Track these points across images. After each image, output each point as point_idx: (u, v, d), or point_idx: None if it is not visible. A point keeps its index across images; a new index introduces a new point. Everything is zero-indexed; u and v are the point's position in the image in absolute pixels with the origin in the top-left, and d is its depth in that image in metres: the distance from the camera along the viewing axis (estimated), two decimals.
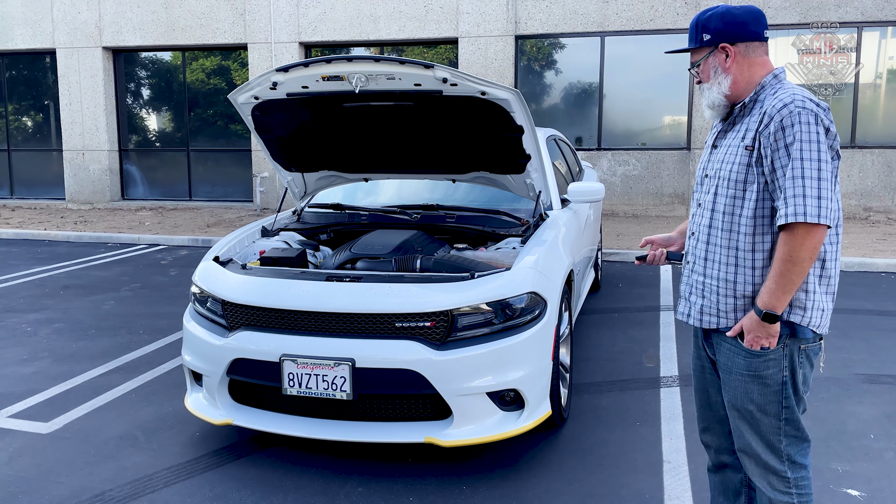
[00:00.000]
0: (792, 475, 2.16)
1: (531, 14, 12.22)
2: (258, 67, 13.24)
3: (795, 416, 2.13)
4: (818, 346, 2.12)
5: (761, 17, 2.15)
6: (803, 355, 2.10)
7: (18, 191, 15.10)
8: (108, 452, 3.47)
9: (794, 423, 2.14)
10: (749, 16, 2.13)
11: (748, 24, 2.13)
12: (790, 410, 2.12)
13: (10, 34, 14.17)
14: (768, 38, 2.18)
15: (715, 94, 2.20)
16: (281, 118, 3.82)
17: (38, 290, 7.06)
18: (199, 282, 3.51)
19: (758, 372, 2.12)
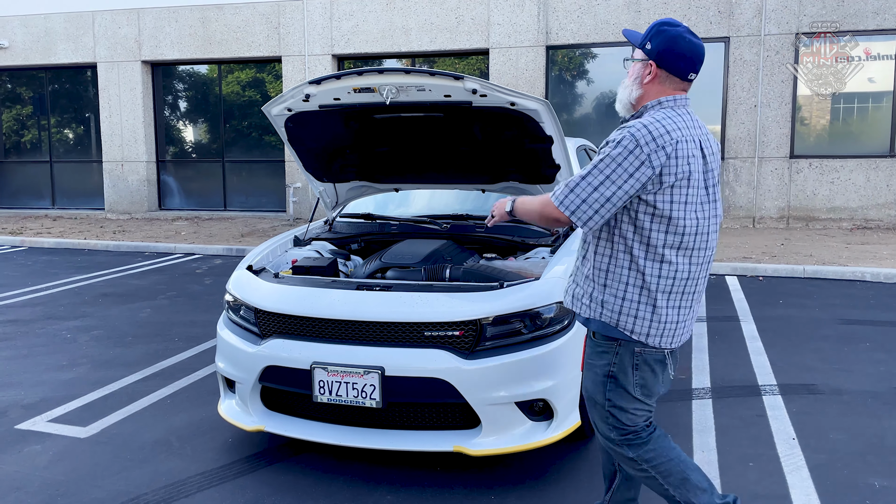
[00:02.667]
0: (633, 454, 2.38)
1: (562, 24, 12.22)
2: (292, 80, 13.44)
3: (623, 414, 2.35)
4: (659, 354, 2.32)
5: (697, 61, 2.28)
6: (640, 359, 2.31)
7: (60, 201, 15.50)
8: (143, 457, 3.54)
9: (623, 420, 2.36)
10: (688, 54, 2.27)
11: (683, 60, 2.27)
12: (615, 407, 2.36)
13: (54, 49, 14.60)
14: (692, 80, 2.32)
15: (624, 96, 2.38)
16: (313, 130, 3.88)
17: (78, 297, 7.23)
18: (233, 290, 3.57)
19: (590, 360, 2.43)
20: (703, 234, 2.27)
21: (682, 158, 2.18)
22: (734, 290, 7.12)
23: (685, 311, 2.33)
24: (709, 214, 2.28)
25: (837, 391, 4.28)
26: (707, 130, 2.36)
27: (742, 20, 11.53)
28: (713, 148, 2.33)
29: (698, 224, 2.25)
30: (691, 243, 2.25)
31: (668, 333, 2.30)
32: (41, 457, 3.55)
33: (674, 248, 2.24)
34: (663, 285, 2.26)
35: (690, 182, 2.20)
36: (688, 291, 2.31)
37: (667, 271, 2.25)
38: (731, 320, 5.98)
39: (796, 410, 4.00)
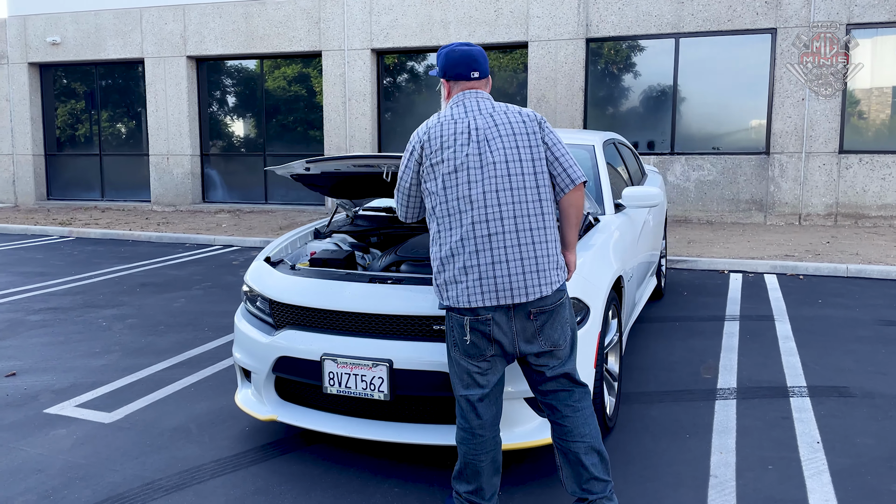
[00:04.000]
0: (458, 414, 2.70)
1: (603, 17, 12.04)
2: (332, 74, 13.55)
3: (452, 368, 2.68)
4: (459, 318, 2.59)
5: (465, 60, 2.76)
6: (450, 321, 2.64)
7: (109, 193, 15.95)
8: (162, 443, 3.62)
9: (453, 378, 2.69)
10: (453, 59, 2.78)
11: (452, 66, 2.78)
12: (448, 366, 2.72)
13: (103, 45, 15.01)
14: (475, 77, 2.77)
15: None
16: (321, 180, 3.98)
17: (117, 287, 7.43)
18: (250, 281, 3.62)
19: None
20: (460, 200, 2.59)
21: (434, 139, 2.64)
22: (772, 289, 6.93)
23: (459, 273, 2.58)
24: (473, 189, 2.58)
25: (869, 394, 4.13)
26: (496, 110, 2.69)
27: (790, 10, 11.18)
28: (496, 120, 2.66)
29: (455, 190, 2.59)
30: (443, 211, 2.62)
31: (447, 294, 2.63)
32: (65, 440, 3.66)
33: (433, 217, 2.65)
34: (436, 254, 2.66)
35: (443, 155, 2.61)
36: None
37: (434, 243, 2.67)
38: (765, 319, 5.82)
39: (824, 413, 3.87)
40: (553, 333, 2.62)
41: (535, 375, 2.69)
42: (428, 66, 13.55)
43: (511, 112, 2.70)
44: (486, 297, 2.53)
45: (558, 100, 12.37)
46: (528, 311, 2.57)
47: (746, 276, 7.57)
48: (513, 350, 2.61)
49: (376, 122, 13.67)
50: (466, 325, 2.57)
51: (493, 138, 2.62)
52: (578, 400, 2.70)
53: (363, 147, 13.54)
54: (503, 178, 2.58)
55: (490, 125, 2.65)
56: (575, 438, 2.67)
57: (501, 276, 2.53)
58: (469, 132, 2.63)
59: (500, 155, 2.60)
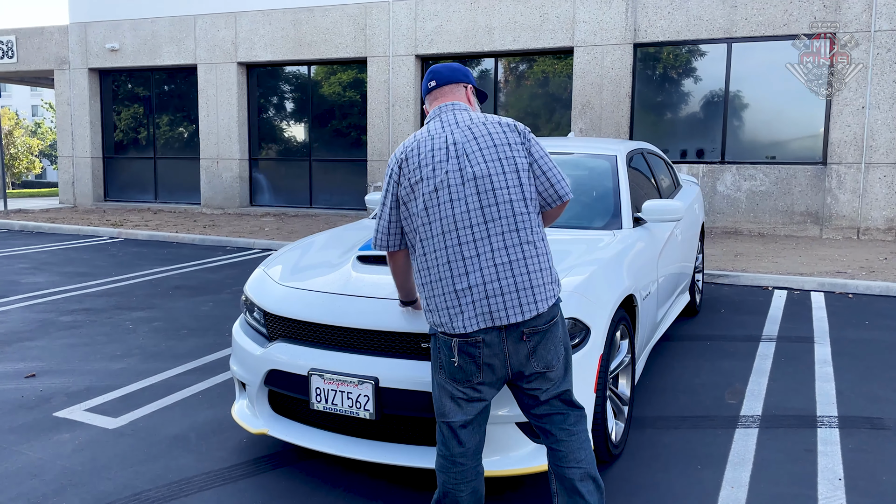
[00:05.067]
0: (438, 440, 2.58)
1: (651, 21, 11.73)
2: (376, 80, 13.59)
3: (435, 392, 2.56)
4: (448, 341, 2.45)
5: (425, 77, 2.77)
6: (437, 344, 2.51)
7: (161, 195, 16.38)
8: (159, 452, 3.60)
9: (436, 401, 2.56)
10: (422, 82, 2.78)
11: (422, 87, 2.77)
12: (433, 390, 2.59)
13: (159, 51, 15.43)
14: (432, 87, 2.71)
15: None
16: None
17: (152, 289, 7.56)
18: (248, 291, 3.57)
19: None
20: (442, 220, 2.46)
21: (411, 159, 2.53)
22: (817, 308, 6.56)
23: (449, 297, 2.46)
24: (462, 208, 2.45)
25: None
26: (474, 121, 2.56)
27: (850, 15, 10.67)
28: (474, 133, 2.52)
29: (436, 211, 2.46)
30: (427, 233, 2.48)
31: (439, 319, 2.50)
32: (67, 445, 3.68)
33: (416, 241, 2.53)
34: (420, 282, 2.56)
35: (422, 174, 2.49)
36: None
37: (417, 270, 2.58)
38: (804, 341, 5.50)
39: (852, 447, 3.59)
40: (546, 354, 2.47)
41: (528, 399, 2.55)
42: (482, 71, 13.44)
43: (490, 122, 2.56)
44: (480, 319, 2.40)
45: (604, 106, 12.10)
46: (520, 332, 2.42)
47: (791, 294, 7.21)
48: (504, 373, 2.47)
49: (419, 128, 13.63)
50: (455, 347, 2.44)
51: (473, 151, 2.49)
52: (574, 423, 2.55)
53: None
54: (487, 194, 2.45)
55: (468, 138, 2.52)
56: (570, 464, 2.52)
57: (494, 296, 2.40)
58: (447, 147, 2.50)
59: (481, 168, 2.46)
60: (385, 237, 2.62)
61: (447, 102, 2.64)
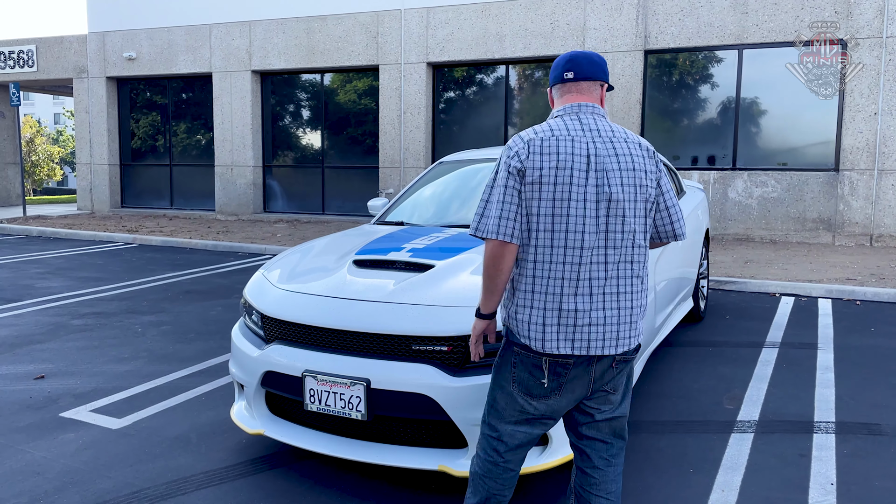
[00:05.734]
0: (478, 446, 2.48)
1: (662, 28, 11.74)
2: (388, 88, 13.69)
3: (492, 406, 2.41)
4: (535, 359, 2.27)
5: (560, 62, 2.42)
6: (518, 357, 2.31)
7: (177, 202, 16.58)
8: (160, 452, 3.68)
9: (490, 409, 2.41)
10: (553, 65, 2.47)
11: (552, 71, 2.47)
12: (491, 396, 2.42)
13: (175, 60, 15.65)
14: (569, 77, 2.37)
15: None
16: None
17: (163, 293, 7.68)
18: (247, 294, 3.64)
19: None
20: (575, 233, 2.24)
21: (545, 154, 2.23)
22: (822, 315, 6.53)
23: (550, 314, 2.26)
24: (585, 213, 2.23)
25: None
26: (616, 136, 2.32)
27: (862, 21, 10.62)
28: (616, 150, 2.29)
29: (564, 221, 2.24)
30: (547, 241, 2.25)
31: (539, 334, 2.27)
32: (70, 445, 3.76)
33: (532, 245, 2.27)
34: (526, 284, 2.29)
35: (557, 178, 2.22)
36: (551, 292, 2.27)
37: (524, 269, 2.29)
38: (807, 348, 5.48)
39: (847, 452, 3.59)
40: (621, 379, 2.40)
41: (581, 417, 2.43)
42: (493, 78, 13.51)
43: (631, 142, 2.34)
44: (577, 345, 2.25)
45: (614, 112, 12.11)
46: (611, 361, 2.31)
47: (798, 301, 7.18)
48: (583, 395, 2.36)
49: (430, 135, 13.72)
50: (545, 367, 2.27)
51: (612, 170, 2.26)
52: (614, 455, 2.46)
53: (416, 160, 13.61)
54: (616, 219, 2.25)
55: (610, 153, 2.27)
56: (600, 493, 2.43)
57: (597, 325, 2.25)
58: (588, 156, 2.25)
59: (617, 192, 2.25)
60: (507, 222, 2.23)
61: (586, 103, 2.35)
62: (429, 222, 4.51)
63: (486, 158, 5.10)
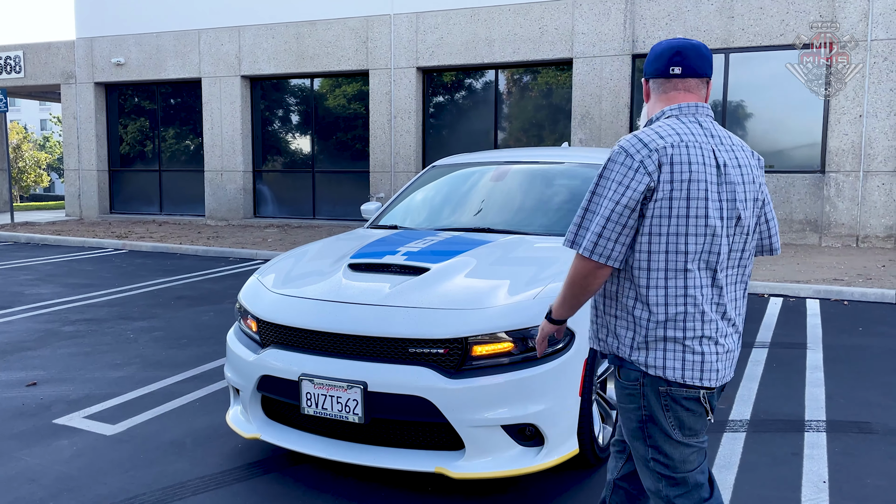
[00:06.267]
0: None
1: (649, 32, 11.83)
2: (378, 92, 13.72)
3: (667, 459, 2.07)
4: (692, 392, 2.02)
5: (665, 53, 2.12)
6: (666, 398, 2.03)
7: (167, 207, 16.52)
8: (155, 457, 3.67)
9: (666, 464, 2.08)
10: (653, 54, 2.17)
11: (656, 60, 2.15)
12: (657, 451, 2.08)
13: (164, 65, 15.61)
14: (676, 73, 2.09)
15: (641, 123, 2.24)
16: None
17: (154, 299, 7.65)
18: (241, 298, 3.65)
19: (621, 402, 2.15)
20: (711, 254, 2.00)
21: (677, 165, 1.94)
22: (811, 315, 6.60)
23: (700, 343, 2.02)
24: (716, 232, 1.98)
25: (892, 431, 3.86)
26: (735, 143, 2.10)
27: (847, 24, 10.74)
28: (739, 161, 2.06)
29: (700, 241, 1.97)
30: (690, 264, 1.98)
31: (691, 368, 2.01)
32: (65, 451, 3.75)
33: (651, 269, 1.99)
34: (664, 314, 2.01)
35: (690, 192, 1.94)
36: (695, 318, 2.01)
37: (660, 297, 2.00)
38: (797, 347, 5.54)
39: (838, 450, 3.63)
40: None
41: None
42: (482, 83, 13.56)
43: (746, 150, 2.14)
44: (726, 372, 2.07)
45: (603, 116, 12.19)
46: (722, 386, 2.14)
47: (787, 301, 7.25)
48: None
49: (421, 140, 13.76)
50: (705, 400, 2.03)
51: (738, 183, 2.03)
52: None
53: (407, 164, 13.63)
54: (740, 237, 2.06)
55: (733, 163, 2.04)
56: None
57: (729, 351, 2.07)
58: (718, 167, 2.00)
59: (743, 207, 2.04)
60: (608, 243, 1.96)
61: (699, 104, 2.11)
62: (423, 226, 4.53)
63: (478, 162, 5.13)
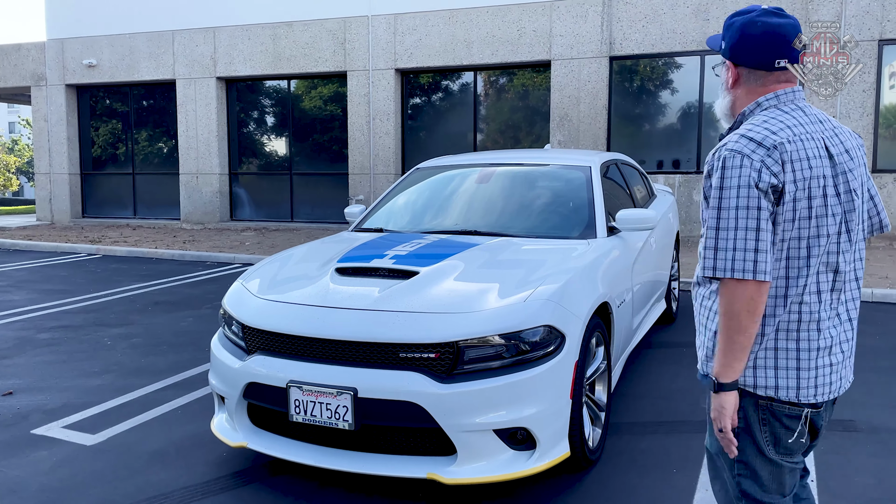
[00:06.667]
0: None
1: (626, 35, 11.91)
2: (356, 94, 13.65)
3: (754, 477, 1.91)
4: (794, 410, 1.85)
5: (779, 42, 1.84)
6: (765, 411, 1.86)
7: (141, 211, 16.28)
8: (138, 467, 3.59)
9: (752, 483, 1.91)
10: (764, 39, 1.85)
11: (759, 50, 1.86)
12: (744, 466, 1.91)
13: (137, 66, 15.39)
14: (784, 66, 1.85)
15: (719, 108, 2.04)
16: None
17: (131, 305, 7.52)
18: (226, 304, 3.59)
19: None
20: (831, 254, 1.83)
21: (797, 163, 1.76)
22: None
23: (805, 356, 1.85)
24: (838, 229, 1.82)
25: (875, 429, 3.91)
26: (835, 124, 1.93)
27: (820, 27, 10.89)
28: (845, 145, 1.88)
29: (823, 242, 1.81)
30: (812, 268, 1.81)
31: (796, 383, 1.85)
32: (45, 462, 3.66)
33: (787, 276, 1.82)
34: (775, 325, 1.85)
35: (811, 191, 1.78)
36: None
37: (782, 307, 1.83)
38: None
39: (825, 449, 3.66)
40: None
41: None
42: (461, 84, 13.55)
43: (850, 132, 1.97)
44: (842, 384, 1.91)
45: (581, 118, 12.24)
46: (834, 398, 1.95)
47: None
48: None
49: (400, 141, 13.71)
50: (805, 421, 1.87)
51: (850, 171, 1.85)
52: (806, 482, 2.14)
53: (386, 166, 13.58)
54: (856, 229, 1.88)
55: (841, 149, 1.86)
56: None
57: (845, 359, 1.90)
58: (830, 157, 1.83)
59: (857, 196, 1.86)
60: (764, 255, 1.74)
61: (795, 88, 1.92)
62: (409, 229, 4.50)
63: (462, 164, 5.11)
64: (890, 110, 11.00)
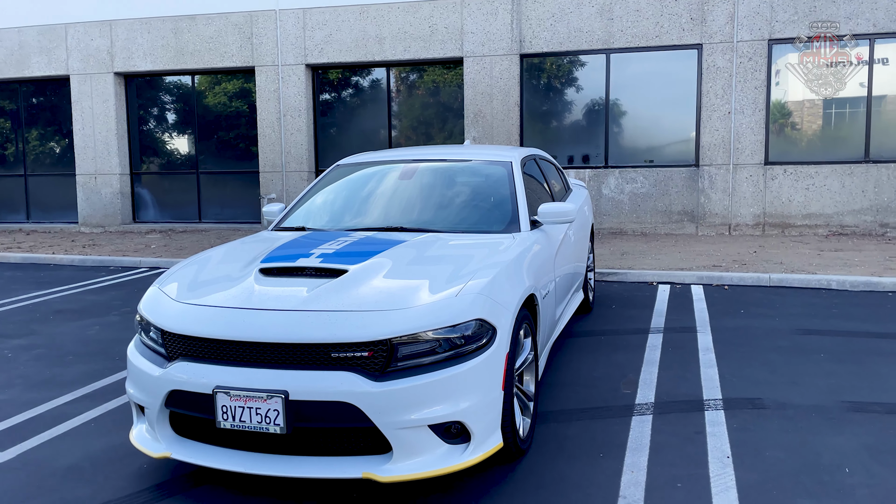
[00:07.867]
0: None
1: (536, 33, 12.15)
2: (266, 90, 13.33)
3: None
4: None
5: None
6: None
7: (35, 215, 15.33)
8: (52, 485, 3.40)
9: None
10: None
11: None
12: None
13: (27, 62, 14.47)
14: None
15: None
16: None
17: (30, 314, 7.08)
18: (142, 310, 3.44)
19: None
20: None
21: None
22: (697, 300, 7.01)
23: None
24: None
25: (782, 406, 4.16)
26: None
27: (714, 27, 11.47)
28: None
29: None
30: None
31: None
32: None
33: None
34: None
35: None
36: None
37: None
38: (688, 331, 5.86)
39: (736, 426, 3.88)
40: None
41: None
42: (374, 80, 13.44)
43: None
44: None
45: (494, 115, 12.40)
46: None
47: (674, 288, 7.66)
48: None
49: (313, 138, 13.49)
50: None
51: None
52: None
53: (299, 164, 13.33)
54: None
55: None
56: None
57: None
58: None
59: None
60: None
61: None
62: (332, 227, 4.44)
63: (384, 161, 5.08)
64: (776, 106, 11.70)
